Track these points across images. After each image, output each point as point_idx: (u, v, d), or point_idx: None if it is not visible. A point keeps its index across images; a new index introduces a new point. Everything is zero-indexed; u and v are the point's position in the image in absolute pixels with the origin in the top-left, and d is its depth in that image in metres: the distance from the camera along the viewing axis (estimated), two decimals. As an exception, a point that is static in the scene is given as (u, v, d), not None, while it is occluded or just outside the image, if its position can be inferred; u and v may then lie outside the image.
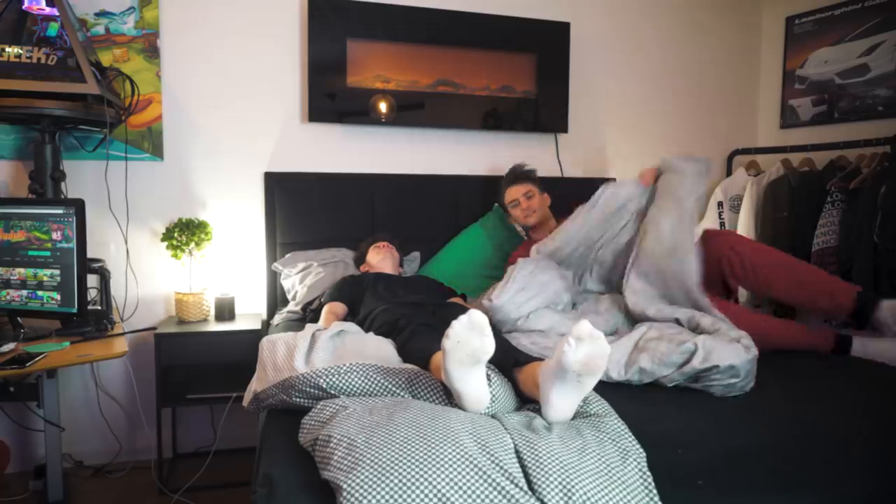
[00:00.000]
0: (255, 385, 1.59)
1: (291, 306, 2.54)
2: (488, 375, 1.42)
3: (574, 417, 1.37)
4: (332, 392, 1.41)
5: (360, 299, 2.27)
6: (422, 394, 1.42)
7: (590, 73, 3.26)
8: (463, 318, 1.30)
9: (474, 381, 1.32)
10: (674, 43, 3.41)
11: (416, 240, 2.91)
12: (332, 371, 1.42)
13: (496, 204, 2.95)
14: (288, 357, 1.58)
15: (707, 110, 3.52)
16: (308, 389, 1.43)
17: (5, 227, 2.09)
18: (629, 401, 1.55)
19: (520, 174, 2.77)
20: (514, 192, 2.73)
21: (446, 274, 2.74)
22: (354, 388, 1.42)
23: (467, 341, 1.28)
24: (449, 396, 1.39)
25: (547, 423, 1.30)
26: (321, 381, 1.41)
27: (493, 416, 1.34)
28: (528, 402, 1.45)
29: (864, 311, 2.08)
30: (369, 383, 1.42)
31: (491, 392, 1.37)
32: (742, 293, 2.86)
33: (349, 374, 1.42)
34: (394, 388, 1.42)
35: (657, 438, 1.31)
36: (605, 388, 1.59)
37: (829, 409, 1.58)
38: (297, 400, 1.45)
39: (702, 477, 1.20)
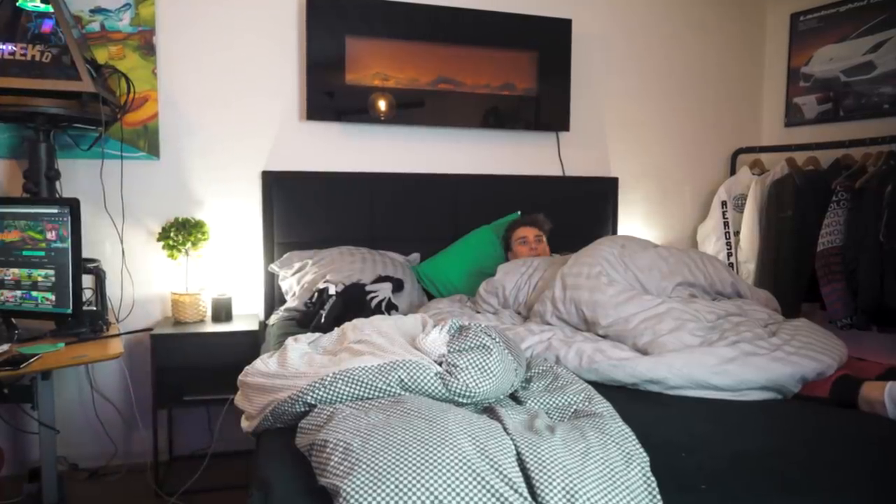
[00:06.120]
0: (245, 424, 1.55)
1: (289, 303, 2.50)
2: (489, 347, 1.42)
3: (578, 417, 1.35)
4: (323, 405, 1.36)
5: None
6: (414, 385, 1.39)
7: (591, 71, 3.23)
8: None
9: None
10: (677, 40, 3.38)
11: (416, 239, 2.89)
12: (317, 385, 1.37)
13: (519, 212, 2.93)
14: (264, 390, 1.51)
15: (710, 108, 3.49)
16: (299, 410, 1.38)
17: (-1, 226, 2.07)
18: (632, 403, 1.53)
19: (538, 219, 2.76)
20: (527, 231, 2.72)
21: (451, 273, 2.72)
22: (344, 397, 1.37)
23: None
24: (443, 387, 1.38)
25: (549, 422, 1.28)
26: (307, 397, 1.36)
27: (493, 414, 1.32)
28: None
29: None
30: (358, 388, 1.37)
31: (489, 368, 1.39)
32: None
33: (334, 384, 1.37)
34: (385, 387, 1.38)
35: (660, 441, 1.28)
36: (608, 389, 1.57)
37: (833, 413, 1.55)
38: (291, 419, 1.41)
39: (705, 481, 1.18)
